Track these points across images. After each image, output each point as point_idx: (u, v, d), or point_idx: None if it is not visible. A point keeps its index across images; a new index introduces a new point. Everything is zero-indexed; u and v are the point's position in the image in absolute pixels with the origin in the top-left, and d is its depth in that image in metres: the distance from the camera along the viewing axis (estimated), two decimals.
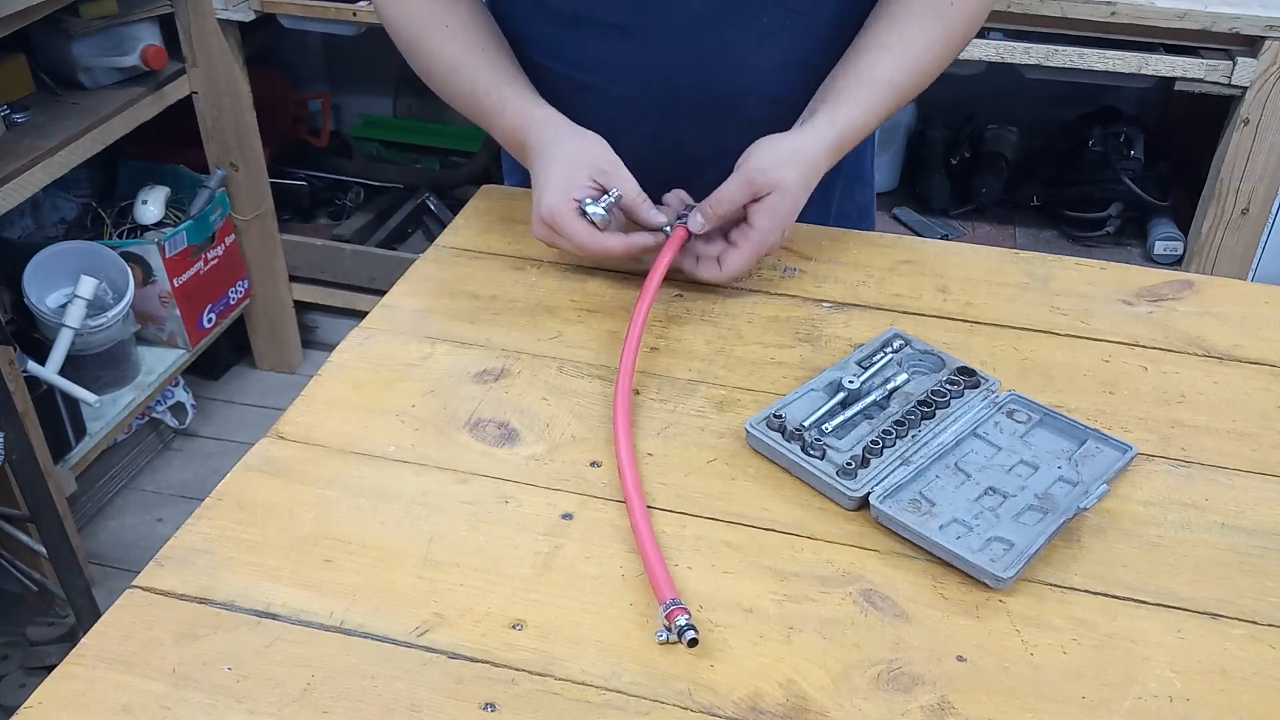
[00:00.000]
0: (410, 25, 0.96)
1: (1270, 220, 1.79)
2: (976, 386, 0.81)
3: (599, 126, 0.91)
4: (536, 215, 0.88)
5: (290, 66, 2.52)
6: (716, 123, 0.97)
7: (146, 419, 2.19)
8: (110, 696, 0.60)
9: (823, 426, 0.77)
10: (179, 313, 2.10)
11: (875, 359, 0.83)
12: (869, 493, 0.71)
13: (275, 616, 0.64)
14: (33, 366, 1.77)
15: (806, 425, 0.76)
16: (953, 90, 1.80)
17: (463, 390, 0.82)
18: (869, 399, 0.79)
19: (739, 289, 0.94)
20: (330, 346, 1.17)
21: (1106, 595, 0.66)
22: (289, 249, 2.32)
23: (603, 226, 0.87)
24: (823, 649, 0.63)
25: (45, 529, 1.58)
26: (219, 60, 2.04)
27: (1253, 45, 1.66)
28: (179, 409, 2.24)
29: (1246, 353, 0.87)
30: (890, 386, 0.80)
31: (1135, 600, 0.66)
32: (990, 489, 0.73)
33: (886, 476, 0.72)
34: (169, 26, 2.00)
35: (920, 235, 2.06)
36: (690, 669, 0.61)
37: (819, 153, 0.89)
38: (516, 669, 0.61)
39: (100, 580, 1.94)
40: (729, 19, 0.93)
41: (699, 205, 0.90)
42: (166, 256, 2.03)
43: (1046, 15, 1.68)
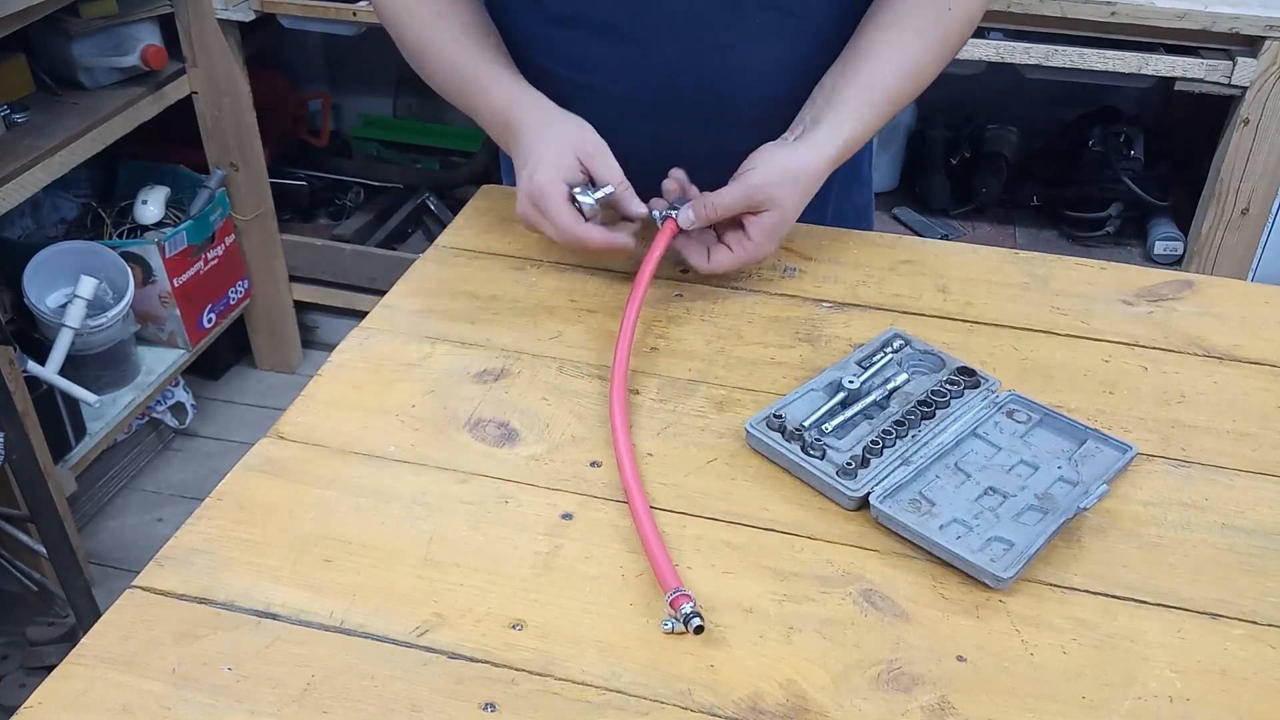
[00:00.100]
0: (400, 10, 0.97)
1: (1270, 220, 1.79)
2: (976, 386, 0.81)
3: (596, 126, 0.91)
4: (524, 191, 0.89)
5: (290, 66, 2.52)
6: (714, 123, 0.98)
7: (146, 419, 2.19)
8: (110, 696, 0.60)
9: (823, 426, 0.77)
10: (179, 313, 2.10)
11: (875, 359, 0.83)
12: (869, 493, 0.71)
13: (275, 616, 0.64)
14: (33, 366, 1.77)
15: (806, 425, 0.76)
16: (953, 90, 1.80)
17: (463, 390, 0.82)
18: (869, 399, 0.79)
19: (739, 289, 0.94)
20: (330, 346, 1.17)
21: (1106, 595, 0.66)
22: (289, 249, 2.32)
23: (589, 217, 0.88)
24: (823, 649, 0.63)
25: (45, 529, 1.58)
26: (219, 60, 2.04)
27: (1253, 45, 1.66)
28: (179, 409, 2.24)
29: (1246, 353, 0.87)
30: (890, 386, 0.80)
31: (1135, 600, 0.66)
32: (990, 489, 0.73)
33: (886, 476, 0.72)
34: (169, 26, 2.00)
35: (920, 235, 2.06)
36: (690, 669, 0.61)
37: (820, 169, 0.90)
38: (516, 669, 0.61)
39: (100, 580, 1.94)
40: (725, 20, 0.93)
41: (693, 201, 0.90)
42: (166, 256, 2.03)
43: (1046, 15, 1.68)
